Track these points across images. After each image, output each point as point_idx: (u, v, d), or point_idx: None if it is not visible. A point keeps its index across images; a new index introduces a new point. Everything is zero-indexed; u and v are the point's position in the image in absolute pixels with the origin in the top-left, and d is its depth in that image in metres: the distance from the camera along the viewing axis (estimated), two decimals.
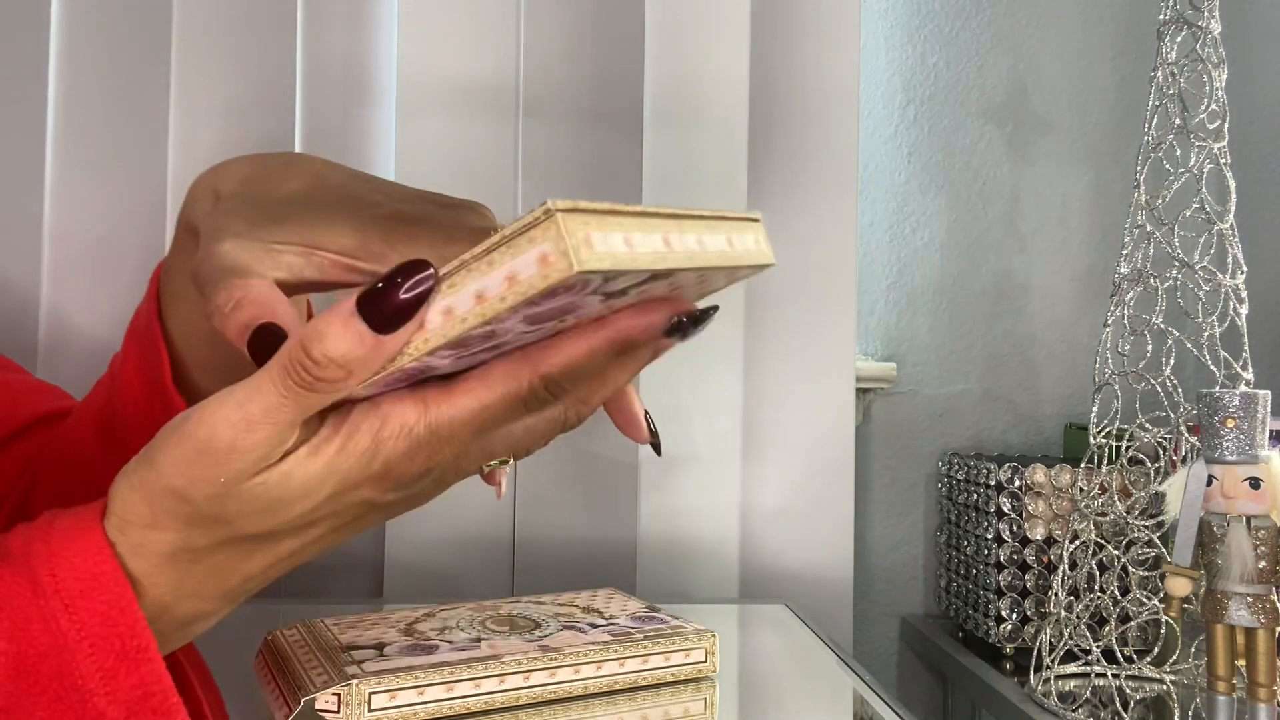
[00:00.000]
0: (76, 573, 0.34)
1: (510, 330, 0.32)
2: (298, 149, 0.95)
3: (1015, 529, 1.03)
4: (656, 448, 0.42)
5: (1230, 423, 0.67)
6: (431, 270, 0.32)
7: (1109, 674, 0.85)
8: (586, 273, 0.28)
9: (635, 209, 0.31)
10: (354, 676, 0.55)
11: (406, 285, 0.32)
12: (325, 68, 0.97)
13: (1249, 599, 0.66)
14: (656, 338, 0.34)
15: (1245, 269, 0.83)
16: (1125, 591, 0.87)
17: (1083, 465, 0.90)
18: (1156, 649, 0.84)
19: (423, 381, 0.37)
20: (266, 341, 0.37)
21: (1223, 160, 0.83)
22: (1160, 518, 0.82)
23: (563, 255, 0.28)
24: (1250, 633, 0.66)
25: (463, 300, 0.31)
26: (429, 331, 0.32)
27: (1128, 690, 0.85)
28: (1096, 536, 0.87)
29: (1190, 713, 0.82)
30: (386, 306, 0.32)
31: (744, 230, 0.35)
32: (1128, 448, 0.87)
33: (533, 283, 0.29)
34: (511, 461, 0.40)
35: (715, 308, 0.35)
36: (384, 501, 0.37)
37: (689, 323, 0.34)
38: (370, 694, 0.55)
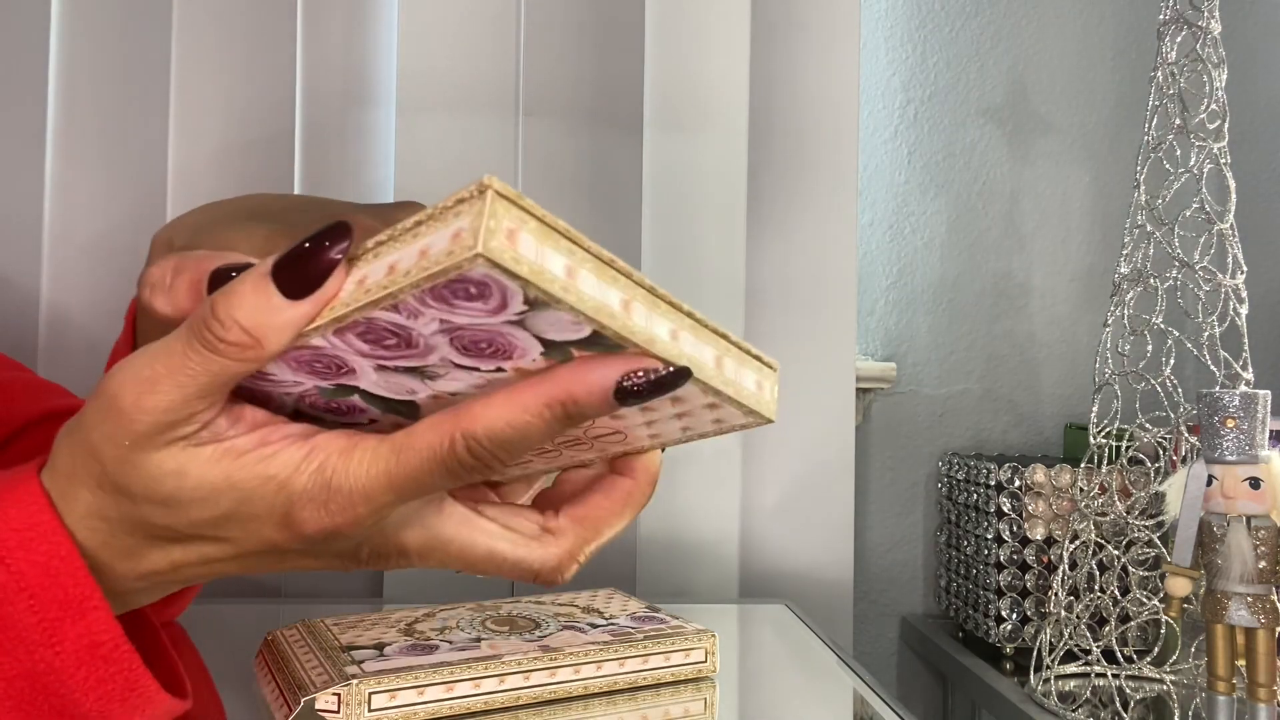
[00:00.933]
0: (12, 524, 0.33)
1: (429, 341, 0.29)
2: (298, 149, 0.95)
3: (1015, 529, 1.03)
4: None
5: (1230, 423, 0.67)
6: (348, 235, 0.29)
7: (1109, 674, 0.85)
8: (489, 261, 0.24)
9: (596, 248, 0.27)
10: (354, 676, 0.55)
11: (320, 248, 0.30)
12: (325, 68, 0.97)
13: (1249, 599, 0.66)
14: (605, 401, 0.29)
15: (1245, 269, 0.83)
16: (1125, 591, 0.87)
17: (1083, 465, 0.90)
18: (1156, 649, 0.84)
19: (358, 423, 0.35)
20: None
21: (1223, 160, 0.83)
22: (1160, 518, 0.82)
23: (472, 234, 0.25)
24: (1250, 633, 0.66)
25: (376, 270, 0.28)
26: (338, 302, 0.29)
27: (1128, 690, 0.85)
28: (1096, 536, 0.87)
29: (1190, 713, 0.82)
30: (300, 270, 0.29)
31: (744, 364, 0.31)
32: (1128, 448, 0.87)
33: (438, 259, 0.25)
34: None
35: (688, 370, 0.29)
36: (290, 549, 0.34)
37: (649, 384, 0.29)
38: (370, 694, 0.55)
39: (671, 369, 0.29)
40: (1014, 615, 1.03)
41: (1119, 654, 0.84)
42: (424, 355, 0.30)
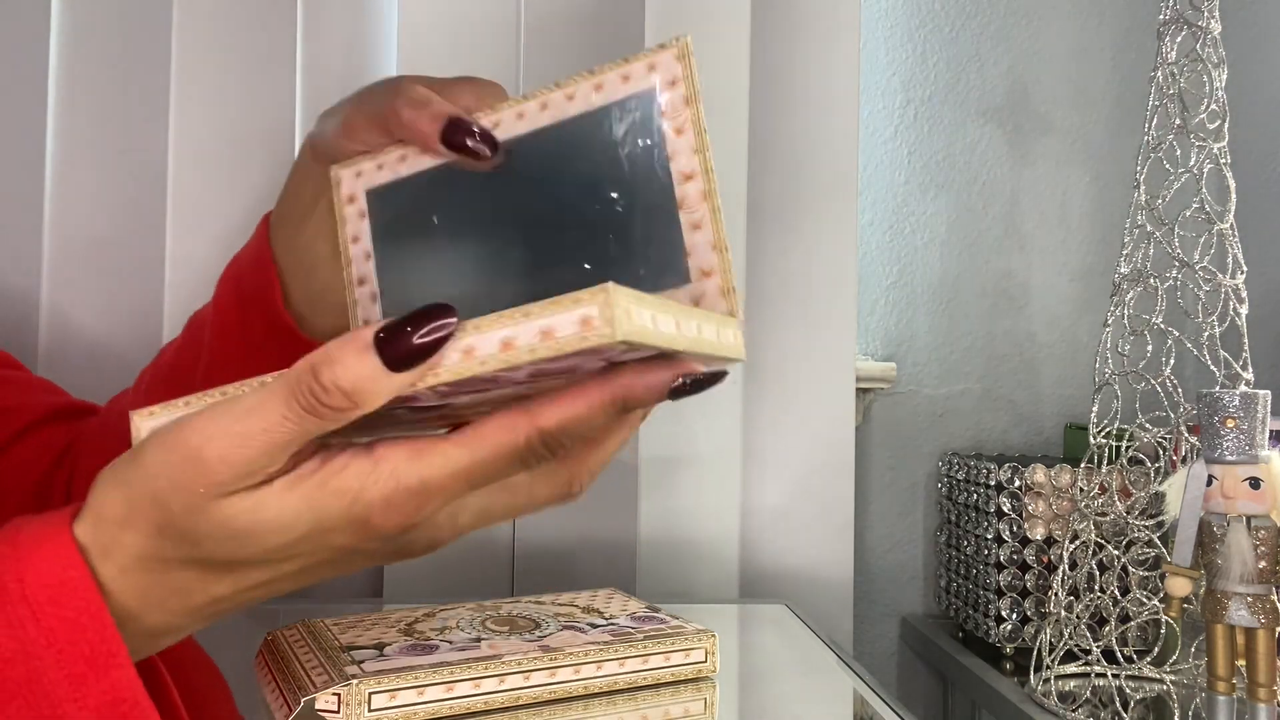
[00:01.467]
0: (44, 579, 0.33)
1: (511, 380, 0.34)
2: (297, 149, 0.95)
3: (1015, 529, 1.03)
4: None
5: (1230, 423, 0.67)
6: (453, 318, 0.32)
7: (1109, 674, 0.85)
8: (625, 341, 0.31)
9: (656, 296, 0.34)
10: (354, 676, 0.55)
11: (426, 329, 0.32)
12: (325, 68, 0.97)
13: (1249, 599, 0.66)
14: (660, 398, 0.35)
15: (1245, 269, 0.83)
16: (1125, 591, 0.88)
17: (1083, 465, 0.90)
18: (1156, 649, 0.84)
19: (411, 419, 0.37)
20: (461, 129, 0.43)
21: (1223, 160, 0.83)
22: (1160, 518, 0.82)
23: (607, 322, 0.31)
24: (1250, 633, 0.66)
25: (486, 343, 0.32)
26: (443, 369, 0.33)
27: (1128, 690, 0.85)
28: (1096, 536, 0.87)
29: (1190, 713, 0.82)
30: (404, 347, 0.32)
31: (728, 325, 0.37)
32: (1128, 448, 0.87)
33: (570, 341, 0.31)
34: None
35: (725, 372, 0.36)
36: (366, 549, 0.36)
37: (693, 385, 0.35)
38: (370, 694, 0.55)
39: (711, 372, 0.35)
40: (1014, 615, 1.03)
41: (1119, 654, 0.84)
42: (500, 387, 0.34)
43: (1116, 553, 0.86)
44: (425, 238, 0.46)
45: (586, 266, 0.43)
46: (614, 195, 0.43)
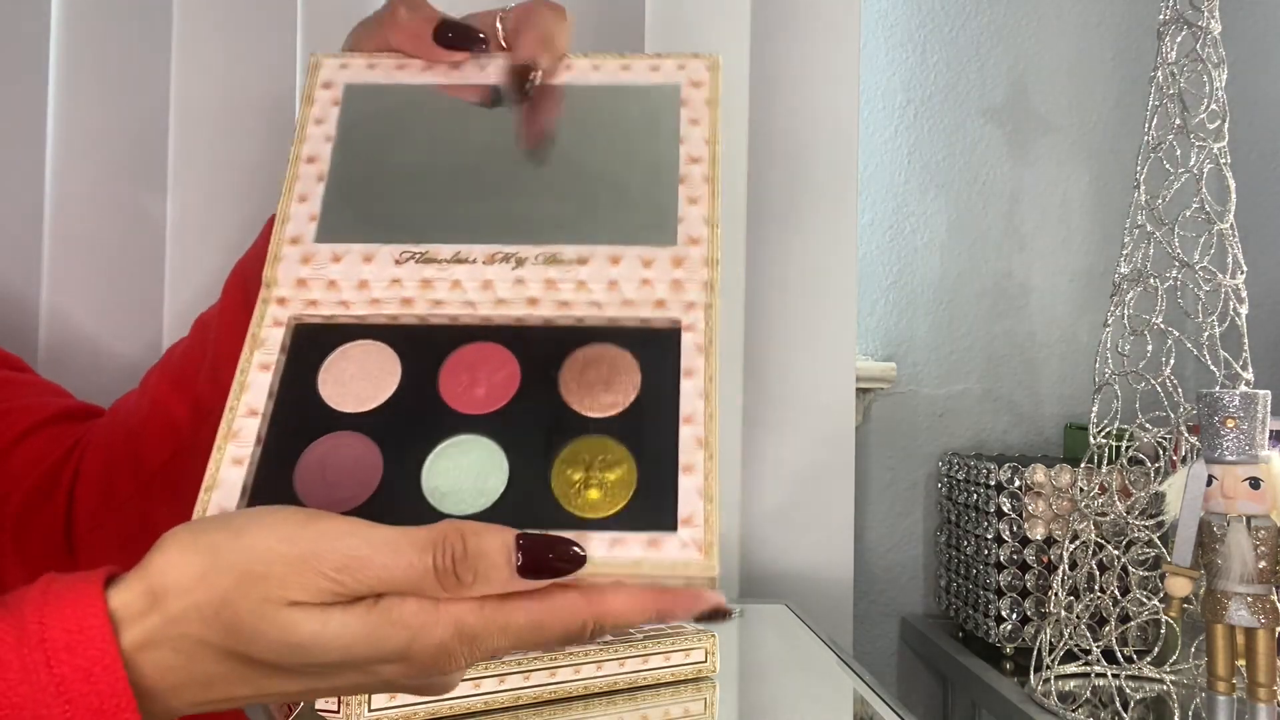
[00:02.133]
0: (65, 624, 0.33)
1: None
2: None
3: (1015, 529, 1.03)
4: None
5: (1230, 423, 0.67)
6: (584, 558, 0.35)
7: (1109, 674, 0.85)
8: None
9: None
10: None
11: (562, 557, 0.35)
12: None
13: (1249, 599, 0.66)
14: (689, 616, 0.38)
15: (1245, 269, 0.83)
16: (1125, 591, 0.87)
17: (1083, 465, 0.90)
18: (1156, 649, 0.84)
19: None
20: (458, 30, 0.44)
21: (1223, 160, 0.83)
22: (1160, 518, 0.82)
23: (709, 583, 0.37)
24: (1250, 633, 0.66)
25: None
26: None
27: (1128, 690, 0.85)
28: (1096, 536, 0.87)
29: (1190, 713, 0.82)
30: (541, 560, 0.35)
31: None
32: (1128, 448, 0.87)
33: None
34: None
35: (741, 611, 0.40)
36: (402, 683, 0.37)
37: (717, 617, 0.38)
38: (370, 694, 0.55)
39: (728, 611, 0.38)
40: (1014, 615, 1.03)
41: (1119, 654, 0.84)
42: None
43: (1116, 553, 0.86)
44: (399, 143, 0.46)
45: (572, 209, 0.44)
46: (618, 157, 0.45)
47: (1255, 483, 0.66)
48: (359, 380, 0.41)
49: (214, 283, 0.89)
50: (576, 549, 0.35)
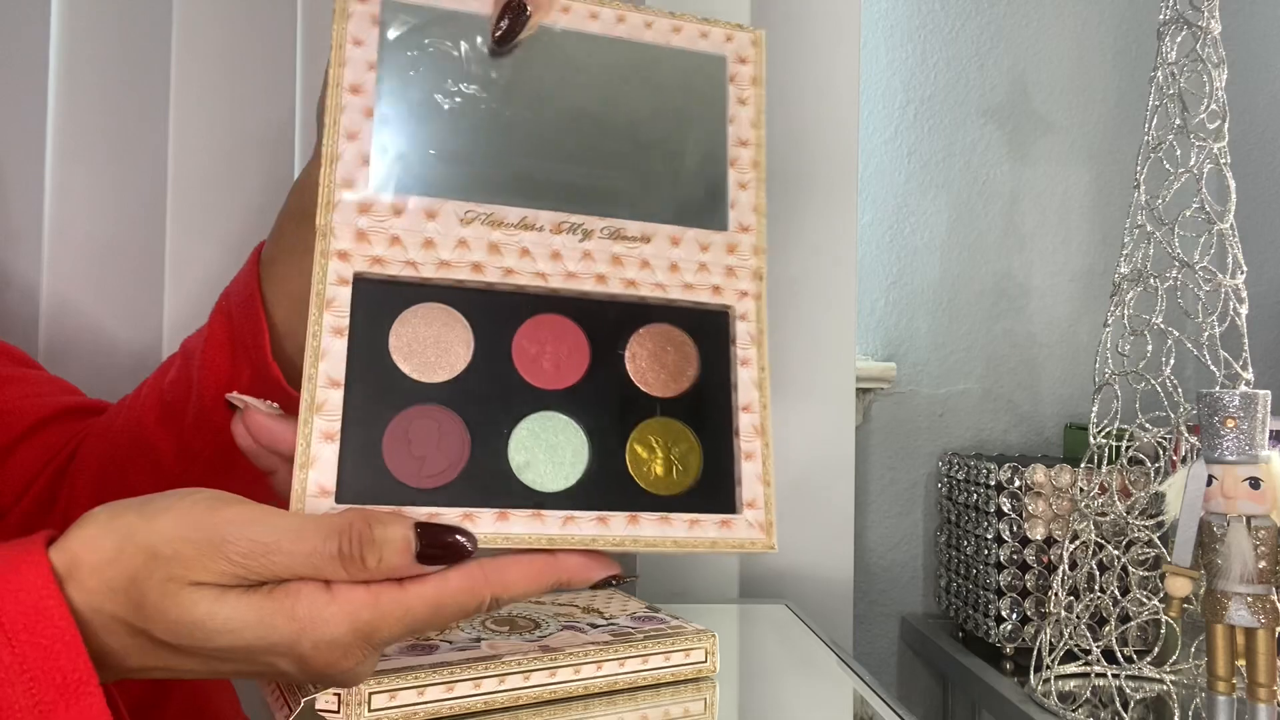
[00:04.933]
0: (21, 606, 0.34)
1: None
2: (297, 147, 0.95)
3: (1015, 529, 1.03)
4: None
5: (1230, 423, 0.67)
6: (473, 549, 0.37)
7: (1109, 674, 0.85)
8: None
9: None
10: None
11: (455, 545, 0.37)
12: (324, 67, 0.97)
13: (1249, 599, 0.66)
14: (586, 584, 0.40)
15: (1245, 269, 0.83)
16: (1125, 591, 0.87)
17: (1083, 465, 0.90)
18: (1156, 649, 0.84)
19: None
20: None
21: (1223, 160, 0.83)
22: (1160, 518, 0.82)
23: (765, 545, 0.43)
24: (1250, 633, 0.66)
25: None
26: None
27: (1128, 690, 0.85)
28: (1096, 536, 0.87)
29: (1190, 713, 0.82)
30: (437, 545, 0.36)
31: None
32: (1128, 448, 0.87)
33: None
34: None
35: (636, 576, 0.41)
36: (293, 673, 0.37)
37: (615, 583, 0.40)
38: (370, 694, 0.55)
39: (622, 577, 0.40)
40: (1014, 615, 1.03)
41: (1119, 654, 0.84)
42: None
43: (1116, 553, 0.86)
44: (449, 80, 0.44)
45: (631, 179, 0.45)
46: (672, 128, 0.46)
47: (1255, 483, 0.66)
48: (430, 347, 0.41)
49: (214, 275, 0.89)
50: (467, 539, 0.37)
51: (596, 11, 0.46)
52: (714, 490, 0.42)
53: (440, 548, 0.36)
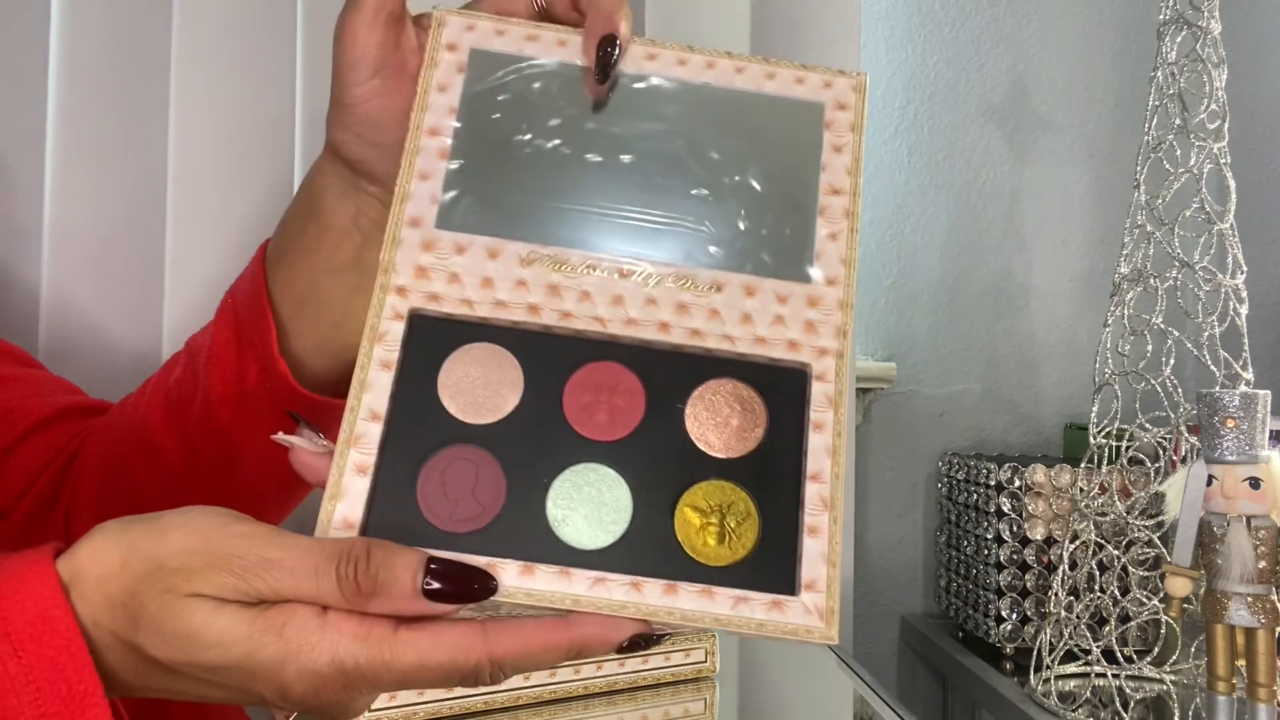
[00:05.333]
0: (28, 616, 0.34)
1: None
2: (298, 147, 0.95)
3: (1015, 529, 1.03)
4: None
5: (1230, 423, 0.67)
6: (494, 592, 0.35)
7: (1109, 674, 0.85)
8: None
9: None
10: None
11: (474, 587, 0.34)
12: (326, 66, 0.97)
13: (1249, 599, 0.66)
14: (609, 651, 0.36)
15: (1245, 269, 0.83)
16: (1125, 591, 0.87)
17: (1083, 465, 0.90)
18: (1156, 649, 0.84)
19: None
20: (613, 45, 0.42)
21: (1223, 160, 0.83)
22: (1160, 518, 0.82)
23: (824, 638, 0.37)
24: (1250, 633, 0.66)
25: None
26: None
27: (1128, 690, 0.85)
28: (1096, 536, 0.87)
29: (1190, 713, 0.82)
30: (446, 582, 0.34)
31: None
32: (1128, 448, 0.87)
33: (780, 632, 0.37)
34: None
35: (671, 634, 0.37)
36: (277, 703, 0.36)
37: (645, 644, 0.36)
38: None
39: (654, 636, 0.37)
40: (1014, 615, 1.03)
41: (1119, 654, 0.84)
42: None
43: (1116, 553, 0.86)
44: (528, 127, 0.44)
45: (706, 226, 0.43)
46: (757, 176, 0.44)
47: (1255, 483, 0.66)
48: (479, 387, 0.40)
49: (215, 275, 0.89)
50: (489, 581, 0.35)
51: (685, 58, 0.45)
52: (769, 565, 0.38)
53: (451, 584, 0.34)
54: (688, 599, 0.37)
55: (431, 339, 0.40)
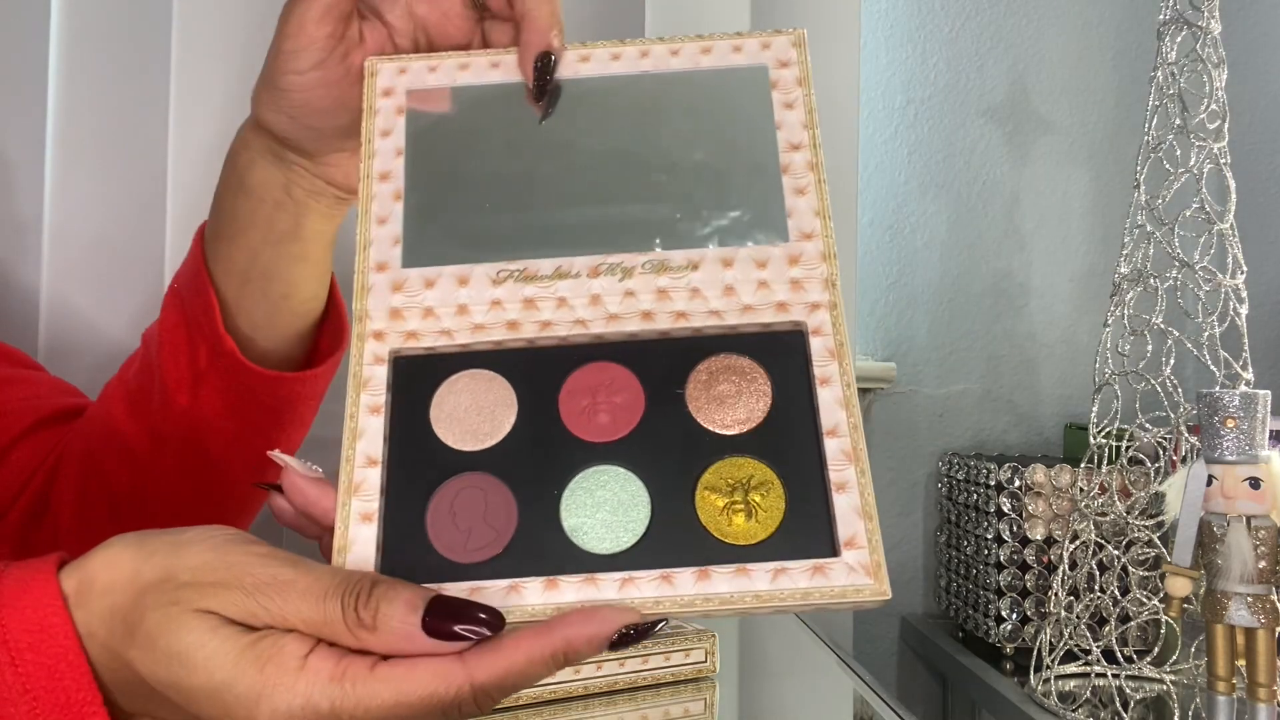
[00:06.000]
0: (26, 624, 0.33)
1: None
2: None
3: (1015, 529, 1.03)
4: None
5: (1230, 423, 0.67)
6: (502, 624, 0.33)
7: (1109, 674, 0.85)
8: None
9: None
10: None
11: (470, 625, 0.33)
12: None
13: (1249, 599, 0.66)
14: (602, 649, 0.34)
15: (1245, 269, 0.83)
16: (1125, 591, 0.87)
17: (1083, 465, 0.90)
18: (1156, 649, 0.84)
19: None
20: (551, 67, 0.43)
21: (1223, 160, 0.83)
22: (1160, 518, 0.82)
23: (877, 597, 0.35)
24: (1250, 633, 0.66)
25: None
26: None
27: (1128, 690, 0.85)
28: (1096, 536, 0.87)
29: (1190, 713, 0.82)
30: (448, 615, 0.33)
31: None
32: (1128, 448, 0.87)
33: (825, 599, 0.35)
34: None
35: (666, 620, 0.35)
36: None
37: (637, 635, 0.34)
38: None
39: (649, 622, 0.34)
40: (1014, 615, 1.03)
41: (1119, 654, 0.84)
42: None
43: (1116, 553, 0.86)
44: (477, 152, 0.44)
45: (671, 210, 0.42)
46: (713, 150, 0.43)
47: (1255, 483, 0.66)
48: (473, 414, 0.39)
49: None
50: (489, 616, 0.33)
51: (618, 52, 0.45)
52: (802, 531, 0.36)
53: (453, 620, 0.33)
54: (723, 582, 0.35)
55: (417, 377, 0.40)
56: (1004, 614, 1.04)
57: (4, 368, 0.63)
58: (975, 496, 1.09)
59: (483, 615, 0.33)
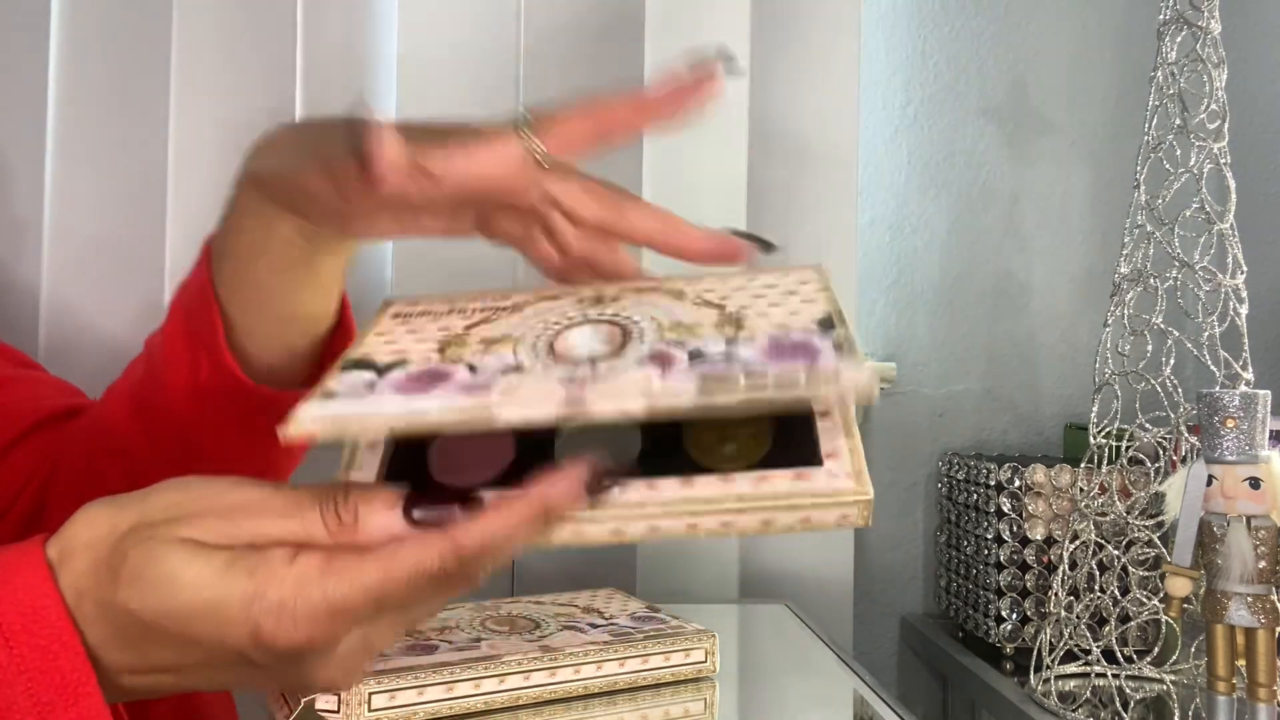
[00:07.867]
0: (19, 606, 0.34)
1: None
2: None
3: (1015, 529, 1.03)
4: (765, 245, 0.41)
5: (1230, 423, 0.67)
6: (479, 502, 0.35)
7: (1109, 674, 0.85)
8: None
9: None
10: None
11: (449, 504, 0.34)
12: (325, 66, 0.97)
13: (1249, 599, 0.66)
14: (581, 498, 0.34)
15: (1245, 269, 0.83)
16: (1125, 591, 0.87)
17: (1083, 465, 0.90)
18: (1156, 649, 0.84)
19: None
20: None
21: (1223, 160, 0.83)
22: (1160, 518, 0.82)
23: (862, 517, 0.36)
24: (1250, 633, 0.66)
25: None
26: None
27: (1128, 690, 0.85)
28: (1096, 536, 0.87)
29: (1190, 713, 0.82)
30: (425, 510, 0.34)
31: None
32: (1128, 448, 0.87)
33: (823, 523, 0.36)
34: None
35: (634, 462, 0.37)
36: (261, 662, 0.35)
37: (613, 475, 0.35)
38: (370, 694, 0.55)
39: (620, 463, 0.36)
40: (1014, 615, 1.03)
41: (1119, 654, 0.84)
42: None
43: (1116, 553, 0.86)
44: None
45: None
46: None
47: (1255, 483, 0.66)
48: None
49: None
50: (469, 499, 0.35)
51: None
52: (790, 450, 0.37)
53: (430, 503, 0.34)
54: (706, 487, 0.36)
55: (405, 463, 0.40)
56: (1004, 614, 1.04)
57: (4, 368, 0.63)
58: (975, 496, 1.09)
59: (459, 497, 0.35)
